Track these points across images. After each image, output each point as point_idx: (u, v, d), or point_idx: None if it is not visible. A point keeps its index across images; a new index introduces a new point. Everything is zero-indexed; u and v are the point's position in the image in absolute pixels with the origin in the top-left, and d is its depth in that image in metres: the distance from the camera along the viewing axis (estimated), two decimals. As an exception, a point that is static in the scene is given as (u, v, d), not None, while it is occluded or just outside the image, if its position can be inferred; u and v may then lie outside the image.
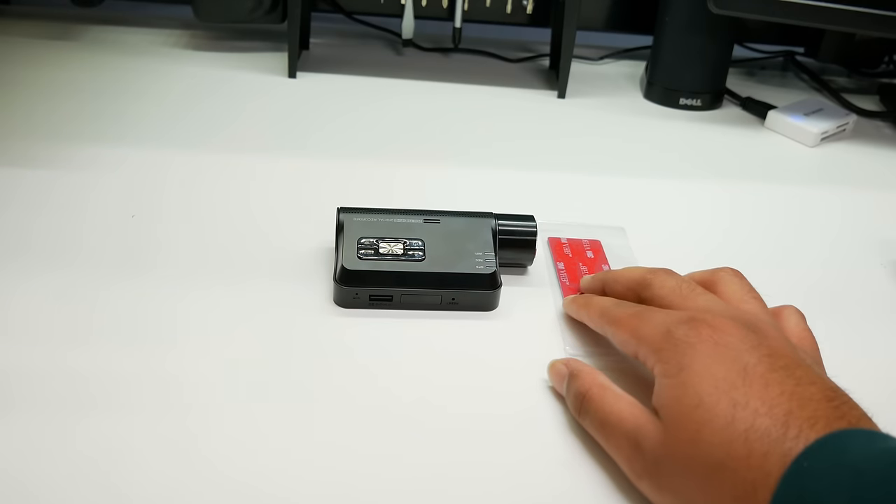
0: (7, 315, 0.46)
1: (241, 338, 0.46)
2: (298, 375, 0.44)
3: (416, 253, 0.50)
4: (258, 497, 0.37)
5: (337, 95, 0.80)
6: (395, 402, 0.43)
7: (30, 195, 0.58)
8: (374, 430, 0.41)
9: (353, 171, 0.65)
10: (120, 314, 0.47)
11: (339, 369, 0.45)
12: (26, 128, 0.68)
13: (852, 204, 0.69)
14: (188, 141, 0.68)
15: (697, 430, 0.34)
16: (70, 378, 0.42)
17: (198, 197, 0.60)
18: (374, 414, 0.42)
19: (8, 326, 0.45)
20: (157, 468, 0.38)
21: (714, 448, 0.33)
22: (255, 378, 0.43)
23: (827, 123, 0.80)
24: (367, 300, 0.49)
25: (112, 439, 0.39)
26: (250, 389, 0.43)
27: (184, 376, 0.43)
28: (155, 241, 0.54)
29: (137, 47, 0.86)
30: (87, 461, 0.37)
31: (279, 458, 0.39)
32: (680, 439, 0.35)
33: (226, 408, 0.41)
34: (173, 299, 0.49)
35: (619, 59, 0.96)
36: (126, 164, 0.63)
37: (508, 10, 0.89)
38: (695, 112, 0.84)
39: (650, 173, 0.71)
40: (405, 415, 0.42)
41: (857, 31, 0.85)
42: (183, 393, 0.42)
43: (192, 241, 0.55)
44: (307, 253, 0.54)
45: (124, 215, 0.57)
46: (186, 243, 0.54)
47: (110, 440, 0.39)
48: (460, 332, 0.48)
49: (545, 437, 0.41)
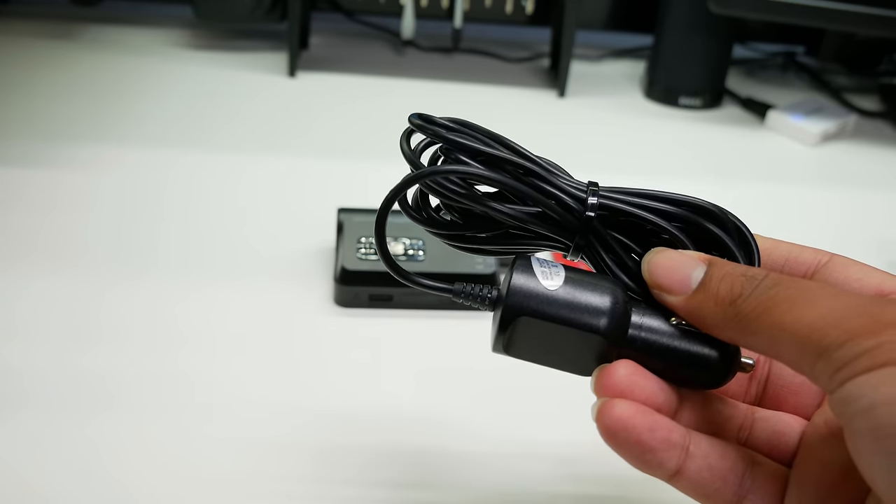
0: (8, 315, 0.46)
1: (242, 337, 0.46)
2: (298, 375, 0.44)
3: (417, 253, 0.50)
4: (259, 496, 0.37)
5: (337, 95, 0.80)
6: (396, 402, 0.43)
7: (30, 195, 0.58)
8: (374, 430, 0.41)
9: (353, 171, 0.65)
10: (120, 314, 0.47)
11: (339, 369, 0.45)
12: (26, 128, 0.68)
13: (852, 204, 0.69)
14: (188, 140, 0.68)
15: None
16: (70, 378, 0.42)
17: (198, 196, 0.60)
18: (374, 414, 0.42)
19: (9, 326, 0.45)
20: (158, 468, 0.38)
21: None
22: (256, 377, 0.43)
23: (827, 123, 0.80)
24: (367, 300, 0.49)
25: (113, 439, 0.39)
26: (250, 389, 0.43)
27: (184, 376, 0.43)
28: (155, 240, 0.54)
29: (137, 47, 0.86)
30: (89, 461, 0.38)
31: (279, 457, 0.39)
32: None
33: (226, 407, 0.41)
34: (173, 299, 0.49)
35: (619, 59, 0.96)
36: (126, 164, 0.63)
37: (508, 10, 0.89)
38: (695, 112, 0.84)
39: (650, 173, 0.71)
40: (405, 414, 0.42)
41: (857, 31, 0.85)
42: (183, 392, 0.42)
43: (192, 240, 0.55)
44: (307, 253, 0.54)
45: (124, 215, 0.57)
46: (186, 243, 0.54)
47: (111, 440, 0.39)
48: (460, 332, 0.48)
49: (545, 436, 0.41)
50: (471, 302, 0.30)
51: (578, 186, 0.29)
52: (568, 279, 0.28)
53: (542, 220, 0.29)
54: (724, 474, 0.27)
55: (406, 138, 0.31)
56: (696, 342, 0.28)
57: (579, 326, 0.28)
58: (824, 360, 0.23)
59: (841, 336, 0.22)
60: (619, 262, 0.29)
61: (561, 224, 0.29)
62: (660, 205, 0.29)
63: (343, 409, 0.42)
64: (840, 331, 0.23)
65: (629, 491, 0.38)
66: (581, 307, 0.28)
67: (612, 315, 0.28)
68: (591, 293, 0.28)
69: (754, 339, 0.25)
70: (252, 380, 0.43)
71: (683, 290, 0.28)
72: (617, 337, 0.28)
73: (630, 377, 0.27)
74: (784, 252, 0.31)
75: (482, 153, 0.29)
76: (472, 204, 0.29)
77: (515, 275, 0.28)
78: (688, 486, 0.27)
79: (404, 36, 0.88)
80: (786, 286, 0.25)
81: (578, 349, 0.28)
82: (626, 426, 0.26)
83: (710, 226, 0.29)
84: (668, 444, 0.27)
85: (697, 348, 0.28)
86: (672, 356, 0.28)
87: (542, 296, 0.28)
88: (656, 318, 0.28)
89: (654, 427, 0.27)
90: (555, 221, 0.29)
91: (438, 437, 0.41)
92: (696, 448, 0.27)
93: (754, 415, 0.30)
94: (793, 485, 0.28)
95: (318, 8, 0.91)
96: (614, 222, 0.29)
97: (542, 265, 0.29)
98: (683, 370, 0.28)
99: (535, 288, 0.28)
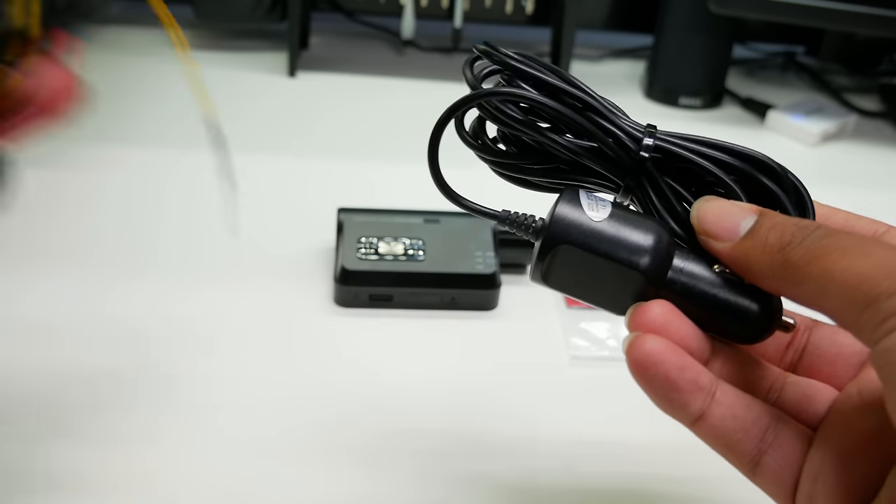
0: (12, 315, 0.46)
1: (242, 337, 0.46)
2: (299, 375, 0.44)
3: (417, 253, 0.50)
4: (259, 496, 0.37)
5: (337, 95, 0.80)
6: (396, 402, 0.43)
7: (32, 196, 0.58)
8: (374, 430, 0.41)
9: (353, 171, 0.65)
10: (120, 314, 0.47)
11: (339, 369, 0.45)
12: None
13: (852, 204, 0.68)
14: (188, 140, 0.68)
15: None
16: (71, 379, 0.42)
17: (198, 197, 0.60)
18: (374, 414, 0.42)
19: (13, 326, 0.45)
20: (159, 467, 0.38)
21: None
22: (256, 377, 0.43)
23: (827, 123, 0.80)
24: (367, 300, 0.49)
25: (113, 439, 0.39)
26: (250, 388, 0.43)
27: (184, 375, 0.43)
28: (155, 240, 0.54)
29: (137, 47, 0.86)
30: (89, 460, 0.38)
31: (279, 456, 0.39)
32: None
33: (226, 407, 0.41)
34: (174, 299, 0.49)
35: (619, 59, 0.96)
36: (127, 165, 0.63)
37: (508, 10, 0.89)
38: (695, 112, 0.84)
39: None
40: (405, 415, 0.42)
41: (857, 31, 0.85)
42: (183, 392, 0.42)
43: (193, 240, 0.55)
44: (307, 253, 0.54)
45: (126, 215, 0.57)
46: (187, 243, 0.54)
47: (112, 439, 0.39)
48: (460, 332, 0.48)
49: (545, 436, 0.41)
50: (515, 229, 0.30)
51: (637, 127, 0.29)
52: (614, 214, 0.28)
53: (597, 155, 0.29)
54: (746, 426, 0.27)
55: (469, 64, 0.30)
56: (738, 292, 0.27)
57: (619, 261, 0.27)
58: (871, 310, 0.22)
59: (893, 286, 0.22)
60: (668, 207, 0.29)
61: (614, 161, 0.29)
62: (718, 153, 0.29)
63: (343, 409, 0.42)
64: (892, 280, 0.22)
65: (633, 494, 0.38)
66: (623, 242, 0.27)
67: (653, 253, 0.27)
68: (636, 230, 0.28)
69: (800, 289, 0.25)
70: (252, 379, 0.43)
71: (731, 236, 0.27)
72: (657, 277, 0.27)
73: (665, 315, 0.27)
74: (841, 220, 0.30)
75: (544, 83, 0.28)
76: (529, 131, 0.29)
77: (561, 203, 0.28)
78: (709, 434, 0.27)
79: (404, 36, 0.88)
80: (838, 237, 0.24)
81: (616, 285, 0.28)
82: (655, 361, 0.26)
83: (768, 181, 0.29)
84: (696, 385, 0.26)
85: (738, 299, 0.27)
86: (711, 303, 0.27)
87: (585, 226, 0.28)
88: (699, 265, 0.28)
89: (684, 366, 0.26)
90: (608, 158, 0.29)
91: (439, 436, 0.41)
92: (722, 396, 0.27)
93: (786, 379, 0.29)
94: (816, 446, 0.27)
95: (318, 8, 0.91)
96: (669, 168, 0.29)
97: (589, 198, 0.28)
98: (722, 320, 0.28)
99: (578, 218, 0.28)
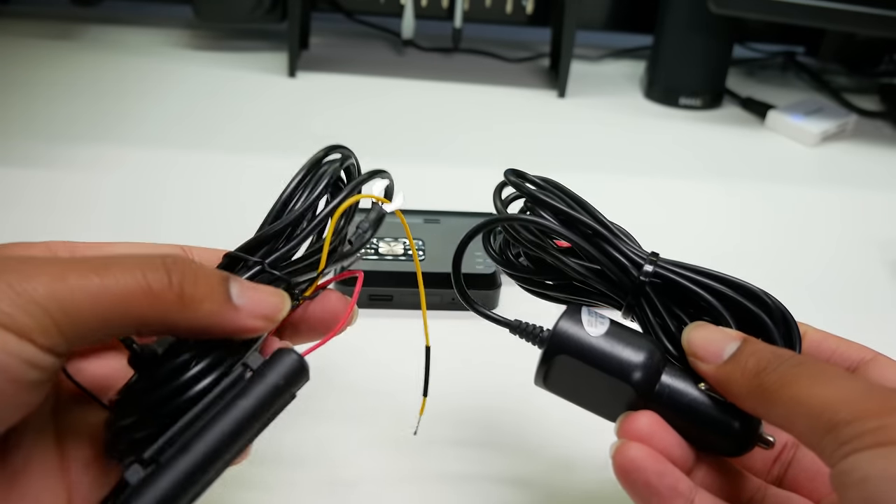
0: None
1: (242, 338, 0.46)
2: (299, 375, 0.44)
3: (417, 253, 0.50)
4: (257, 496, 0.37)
5: (337, 95, 0.80)
6: (395, 402, 0.43)
7: (31, 196, 0.58)
8: (374, 430, 0.41)
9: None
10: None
11: (338, 369, 0.45)
12: (27, 128, 0.68)
13: (852, 204, 0.69)
14: (189, 140, 0.68)
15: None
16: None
17: (198, 196, 0.60)
18: (374, 413, 0.42)
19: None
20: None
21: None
22: (256, 378, 0.43)
23: (827, 123, 0.80)
24: (367, 300, 0.49)
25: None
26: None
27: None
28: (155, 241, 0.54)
29: (137, 47, 0.86)
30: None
31: (278, 456, 0.39)
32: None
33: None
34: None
35: (619, 59, 0.96)
36: (127, 165, 0.63)
37: (508, 10, 0.89)
38: (695, 112, 0.84)
39: (650, 173, 0.71)
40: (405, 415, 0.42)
41: (857, 31, 0.86)
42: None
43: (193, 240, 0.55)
44: (307, 253, 0.54)
45: (125, 215, 0.57)
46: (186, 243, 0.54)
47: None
48: (460, 332, 0.48)
49: (545, 436, 0.41)
50: (525, 337, 0.33)
51: (640, 254, 0.32)
52: (611, 331, 0.31)
53: (600, 277, 0.32)
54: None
55: (499, 190, 0.34)
56: (721, 409, 0.30)
57: (612, 373, 0.30)
58: (832, 435, 0.24)
59: (850, 414, 0.24)
60: (663, 325, 0.32)
61: (616, 284, 0.32)
62: (713, 283, 0.32)
63: (342, 409, 0.42)
64: (850, 410, 0.25)
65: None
66: (617, 357, 0.30)
67: (644, 370, 0.30)
68: (629, 347, 0.31)
69: (772, 411, 0.27)
70: (252, 380, 0.43)
71: (715, 360, 0.30)
72: (646, 390, 0.30)
73: (651, 426, 0.29)
74: (832, 345, 0.33)
75: (561, 212, 0.32)
76: (543, 254, 0.33)
77: (563, 318, 0.31)
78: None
79: (404, 36, 0.88)
80: (808, 365, 0.27)
81: (609, 395, 0.30)
82: (637, 467, 0.28)
83: (758, 310, 0.32)
84: (674, 491, 0.28)
85: (720, 415, 0.30)
86: (695, 417, 0.30)
87: (583, 340, 0.31)
88: (686, 382, 0.30)
89: (664, 473, 0.28)
90: (611, 280, 0.32)
91: (439, 436, 0.41)
92: (700, 502, 0.29)
93: (767, 490, 0.31)
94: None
95: (318, 8, 0.91)
96: (668, 291, 0.32)
97: (590, 314, 0.32)
98: (705, 433, 0.30)
99: (577, 332, 0.31)
